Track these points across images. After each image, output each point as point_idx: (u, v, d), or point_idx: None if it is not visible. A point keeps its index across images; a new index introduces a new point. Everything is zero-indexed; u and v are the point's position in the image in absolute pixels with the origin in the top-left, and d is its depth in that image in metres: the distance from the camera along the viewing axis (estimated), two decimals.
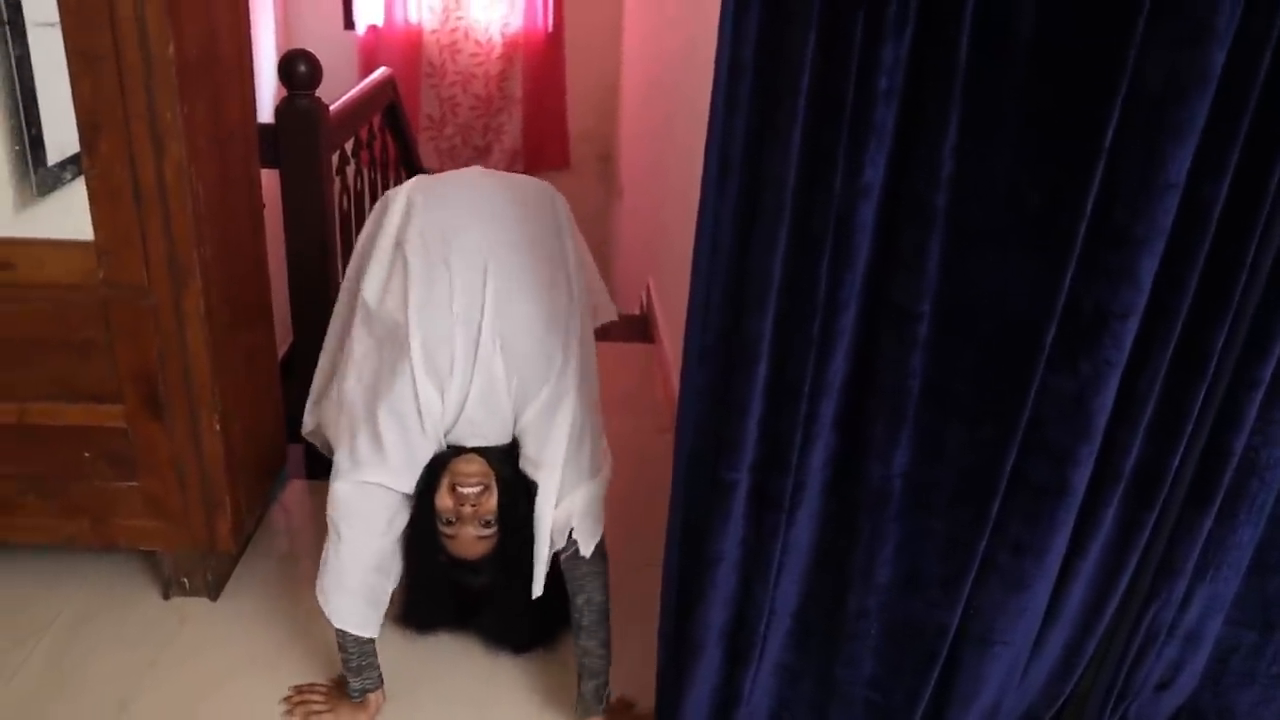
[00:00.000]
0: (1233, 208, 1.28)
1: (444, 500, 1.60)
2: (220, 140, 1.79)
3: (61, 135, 1.68)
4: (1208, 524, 1.51)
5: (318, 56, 2.18)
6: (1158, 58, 1.16)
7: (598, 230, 5.41)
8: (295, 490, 2.40)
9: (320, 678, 1.84)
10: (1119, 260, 1.26)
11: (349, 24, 4.90)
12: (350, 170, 2.71)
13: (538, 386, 1.60)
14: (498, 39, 4.95)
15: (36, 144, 1.76)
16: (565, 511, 1.62)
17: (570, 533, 1.64)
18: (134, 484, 1.90)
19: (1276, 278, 1.35)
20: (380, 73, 3.03)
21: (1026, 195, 1.24)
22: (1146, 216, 1.24)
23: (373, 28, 4.87)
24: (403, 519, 1.66)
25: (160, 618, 1.99)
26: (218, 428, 1.86)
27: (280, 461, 2.32)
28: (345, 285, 1.89)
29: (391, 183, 3.28)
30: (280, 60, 2.14)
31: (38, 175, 1.77)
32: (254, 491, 2.11)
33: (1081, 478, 1.40)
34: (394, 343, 1.60)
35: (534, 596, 1.65)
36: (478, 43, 4.95)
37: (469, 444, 1.63)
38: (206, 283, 1.76)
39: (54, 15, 1.57)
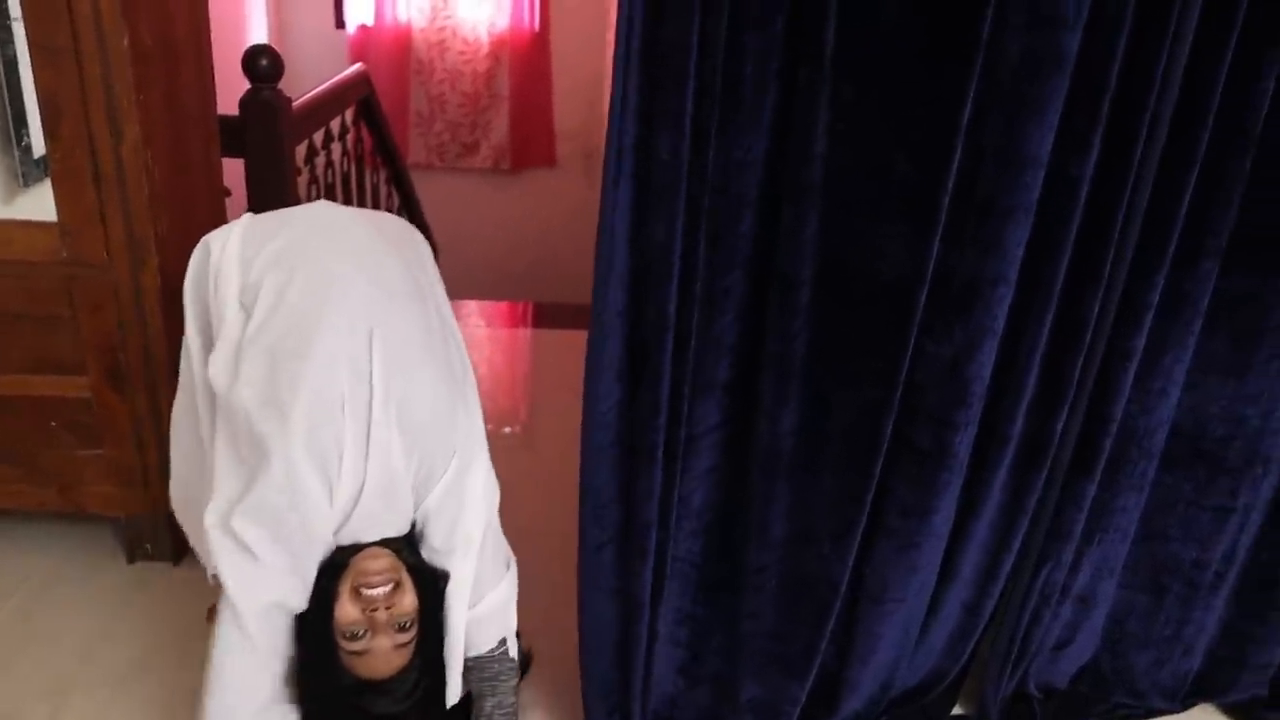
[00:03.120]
0: (1101, 184, 1.38)
1: (347, 611, 1.29)
2: (177, 126, 1.90)
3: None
4: (1092, 489, 1.61)
5: (310, 54, 2.28)
6: (1011, 40, 1.25)
7: (583, 226, 5.51)
8: None
9: None
10: (986, 231, 1.36)
11: (340, 23, 5.02)
12: (320, 161, 2.82)
13: (443, 461, 1.35)
14: (485, 38, 5.06)
15: (21, 138, 1.87)
16: (491, 609, 1.44)
17: (502, 638, 1.49)
18: (98, 452, 2.01)
19: (1144, 251, 1.44)
20: (353, 69, 3.14)
21: (895, 168, 1.33)
22: (1009, 189, 1.33)
23: (363, 26, 4.99)
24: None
25: (123, 581, 2.10)
26: None
27: None
28: (183, 365, 1.55)
29: (367, 174, 3.39)
30: (244, 55, 2.25)
31: (23, 167, 1.88)
32: None
33: (962, 442, 1.49)
34: (250, 440, 1.28)
35: (452, 703, 1.43)
36: (465, 41, 5.06)
37: (365, 539, 1.34)
38: (164, 260, 1.87)
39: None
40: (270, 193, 2.34)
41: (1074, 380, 1.51)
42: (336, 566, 1.31)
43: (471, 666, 1.46)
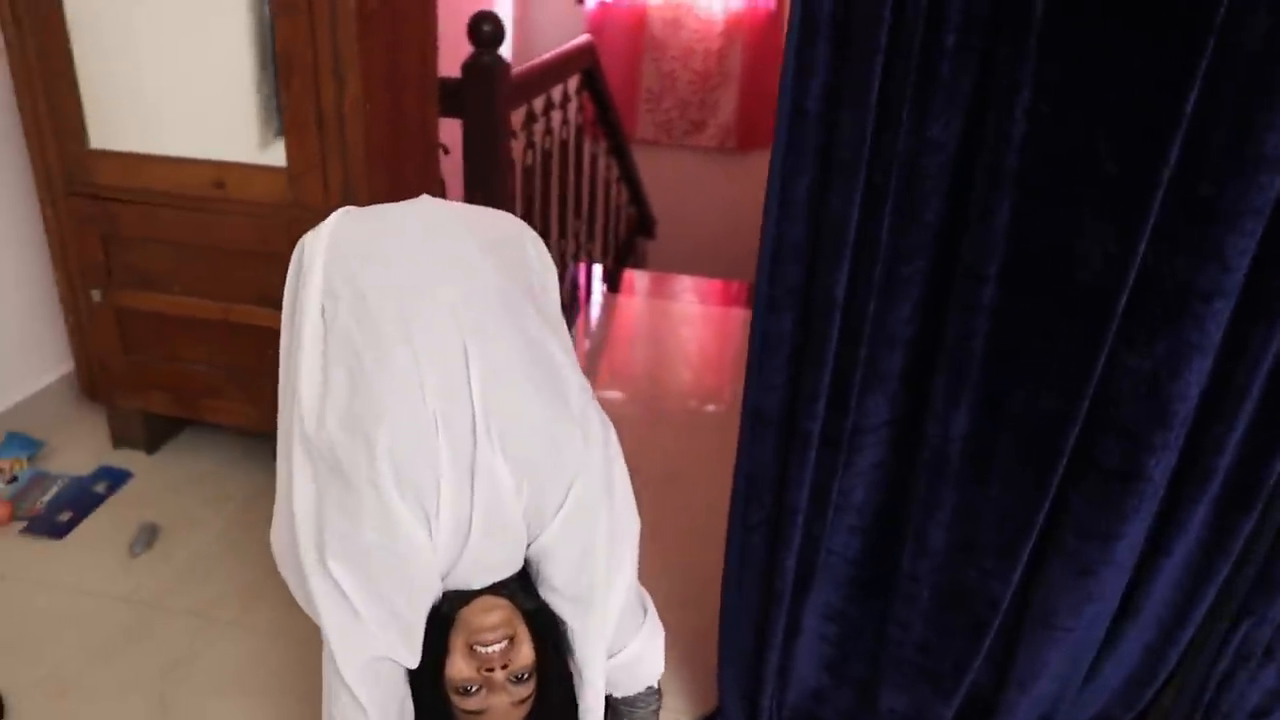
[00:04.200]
0: None
1: (460, 669, 1.16)
2: (396, 84, 2.02)
3: None
4: None
5: (551, 27, 2.35)
6: (1254, 16, 1.10)
7: None
8: None
9: None
10: (1201, 236, 1.21)
11: None
12: (539, 127, 2.91)
13: (556, 493, 1.18)
14: (720, 16, 5.06)
15: (278, 93, 2.03)
16: (629, 660, 1.30)
17: (649, 686, 1.36)
18: None
19: None
20: (579, 40, 3.22)
21: (1102, 160, 1.21)
22: (1237, 191, 1.18)
23: (602, 2, 5.12)
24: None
25: None
26: None
27: None
28: (281, 401, 1.33)
29: (586, 143, 3.48)
30: (469, 21, 2.35)
31: (278, 119, 2.05)
32: None
33: (1159, 466, 1.35)
34: (338, 472, 1.14)
35: None
36: (699, 19, 5.07)
37: (476, 585, 1.20)
38: None
39: None
40: (485, 154, 2.45)
41: None
42: (445, 619, 1.17)
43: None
